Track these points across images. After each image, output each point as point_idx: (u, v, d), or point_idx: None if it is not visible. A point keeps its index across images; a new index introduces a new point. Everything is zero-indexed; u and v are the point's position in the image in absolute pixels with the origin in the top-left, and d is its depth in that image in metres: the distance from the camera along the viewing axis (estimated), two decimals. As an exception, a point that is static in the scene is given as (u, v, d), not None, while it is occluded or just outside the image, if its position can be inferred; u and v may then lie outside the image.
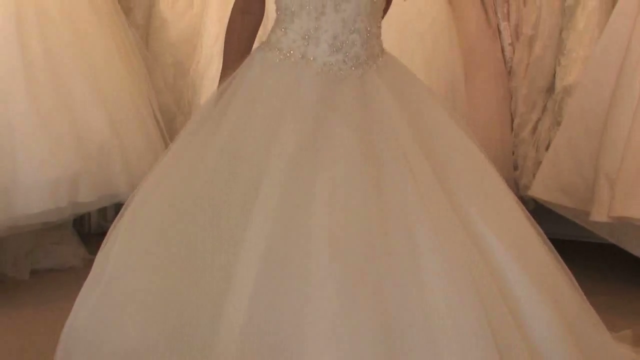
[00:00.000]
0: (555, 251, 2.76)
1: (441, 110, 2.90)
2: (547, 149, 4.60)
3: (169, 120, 4.96)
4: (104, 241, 2.79)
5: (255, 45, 2.99)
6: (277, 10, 2.89)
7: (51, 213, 4.11)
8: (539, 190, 4.43)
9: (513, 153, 4.85)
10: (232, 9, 2.98)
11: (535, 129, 4.80)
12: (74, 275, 4.14)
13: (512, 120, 4.88)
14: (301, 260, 2.46)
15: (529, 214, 2.82)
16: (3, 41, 4.19)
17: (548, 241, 2.78)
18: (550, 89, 4.75)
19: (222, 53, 3.06)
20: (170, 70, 5.14)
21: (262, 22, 3.00)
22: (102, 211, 5.13)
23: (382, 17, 2.95)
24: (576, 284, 2.78)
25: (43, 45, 4.26)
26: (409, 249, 2.51)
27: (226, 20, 3.01)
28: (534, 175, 4.59)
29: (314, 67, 2.81)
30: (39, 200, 4.05)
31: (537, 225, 2.80)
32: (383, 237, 2.52)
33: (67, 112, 4.23)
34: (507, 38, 4.86)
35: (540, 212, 4.59)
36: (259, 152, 2.67)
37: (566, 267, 2.76)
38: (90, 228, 5.22)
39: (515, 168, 4.85)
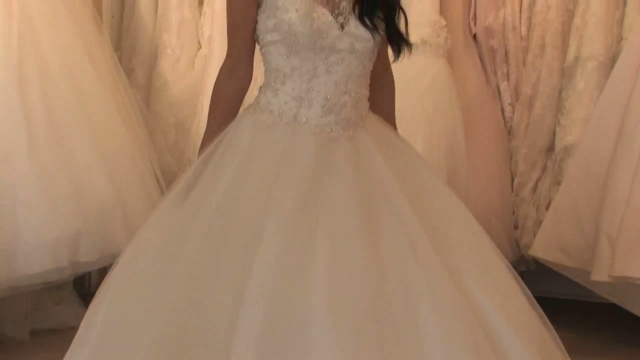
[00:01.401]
0: (541, 311, 2.74)
1: (427, 170, 2.93)
2: (547, 208, 4.62)
3: (170, 180, 4.94)
4: (90, 305, 2.79)
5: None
6: (265, 72, 2.90)
7: (51, 273, 4.13)
8: (539, 250, 4.44)
9: (513, 212, 4.87)
10: (219, 71, 2.96)
11: (535, 188, 4.82)
12: (74, 336, 4.14)
13: (513, 180, 4.91)
14: (301, 318, 2.46)
15: (517, 276, 2.82)
16: (5, 101, 4.24)
17: (534, 301, 2.77)
18: (550, 148, 4.78)
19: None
20: (172, 130, 5.17)
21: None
22: (103, 271, 5.12)
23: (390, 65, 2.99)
24: (562, 347, 2.78)
25: (45, 106, 4.30)
26: (407, 307, 2.52)
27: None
28: (534, 234, 4.60)
29: (306, 129, 2.82)
30: (40, 260, 4.07)
31: (525, 287, 2.80)
32: (382, 294, 2.52)
33: (68, 172, 4.25)
34: (506, 98, 4.90)
35: (541, 271, 4.62)
36: (255, 212, 2.66)
37: (552, 328, 2.75)
38: (90, 288, 5.22)
39: (516, 227, 4.87)
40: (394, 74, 3.13)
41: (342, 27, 2.81)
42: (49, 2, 4.48)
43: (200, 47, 5.27)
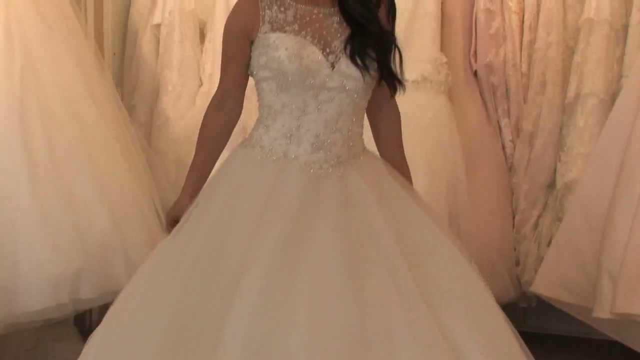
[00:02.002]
0: (527, 349, 2.74)
1: (418, 210, 2.92)
2: (548, 245, 4.62)
3: (171, 217, 4.99)
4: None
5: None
6: (259, 107, 2.93)
7: (52, 310, 4.12)
8: (541, 287, 4.44)
9: (515, 249, 4.88)
10: (209, 103, 3.02)
11: (536, 225, 4.83)
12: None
13: (514, 217, 4.91)
14: (280, 358, 2.46)
15: (511, 325, 2.81)
16: (6, 138, 4.24)
17: (521, 340, 2.76)
18: (551, 185, 4.80)
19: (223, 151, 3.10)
20: (173, 167, 5.19)
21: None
22: (104, 307, 5.10)
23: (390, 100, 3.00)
24: None
25: (46, 143, 4.31)
26: (388, 351, 2.52)
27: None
28: (535, 271, 4.59)
29: (295, 165, 2.84)
30: (41, 297, 4.06)
31: (516, 332, 2.78)
32: (363, 339, 2.52)
33: (69, 210, 4.26)
34: (507, 135, 4.92)
35: (543, 308, 4.62)
36: (240, 249, 2.68)
37: None
38: (91, 325, 5.21)
39: (517, 264, 4.87)
40: (395, 110, 3.15)
41: (332, 66, 2.84)
42: (50, 39, 4.50)
43: (201, 84, 5.31)
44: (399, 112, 3.11)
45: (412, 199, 2.96)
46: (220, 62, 3.05)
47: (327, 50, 2.86)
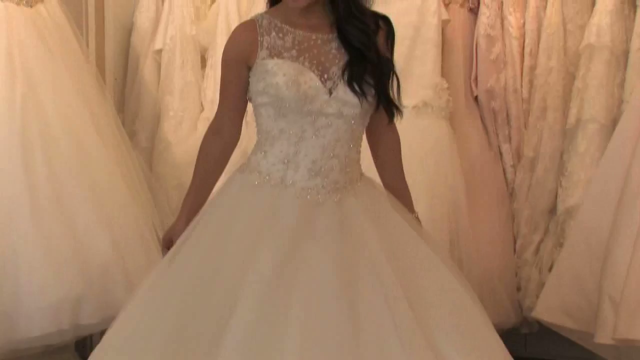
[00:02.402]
0: None
1: (416, 237, 2.92)
2: (550, 270, 4.62)
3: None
4: None
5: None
6: (257, 133, 2.96)
7: (53, 336, 4.12)
8: (542, 312, 4.43)
9: (516, 274, 4.88)
10: (207, 129, 3.06)
11: (537, 250, 4.84)
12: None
13: (515, 242, 4.92)
14: None
15: (506, 350, 2.82)
16: (8, 164, 4.25)
17: None
18: (552, 210, 4.80)
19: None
20: (174, 193, 5.18)
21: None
22: (105, 333, 5.12)
23: (390, 125, 3.01)
24: None
25: (47, 169, 4.32)
26: None
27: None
28: (537, 296, 4.59)
29: (292, 191, 2.86)
30: (41, 323, 4.07)
31: (506, 350, 2.80)
32: (356, 359, 2.53)
33: (71, 235, 4.27)
34: (508, 160, 4.94)
35: (544, 334, 4.61)
36: (234, 274, 2.70)
37: None
38: (92, 350, 5.18)
39: (519, 289, 4.87)
40: (395, 135, 3.16)
41: (330, 92, 2.86)
42: (52, 65, 4.52)
43: (203, 110, 5.32)
44: (399, 138, 3.13)
45: (409, 225, 2.97)
46: (220, 85, 3.07)
47: (325, 76, 2.88)
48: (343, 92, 2.87)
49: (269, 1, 3.05)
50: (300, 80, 2.85)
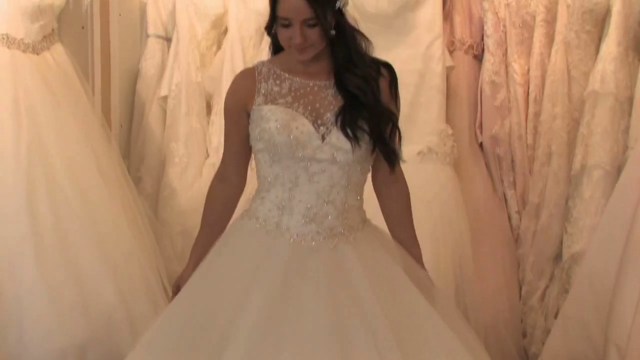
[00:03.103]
0: None
1: (415, 292, 2.89)
2: (555, 317, 4.61)
3: (177, 289, 4.99)
4: None
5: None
6: (257, 179, 2.99)
7: (58, 382, 4.14)
8: (548, 359, 4.43)
9: (522, 321, 4.87)
10: (213, 178, 3.09)
11: (543, 296, 4.83)
12: None
13: (520, 288, 4.91)
14: None
15: None
16: (13, 211, 4.29)
17: None
18: (558, 257, 4.79)
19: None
20: (179, 239, 5.21)
21: None
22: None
23: (392, 174, 3.01)
24: None
25: (52, 215, 4.35)
26: None
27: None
28: (543, 343, 4.58)
29: (286, 237, 2.87)
30: (46, 370, 4.08)
31: None
32: None
33: (75, 282, 4.28)
34: (513, 206, 4.94)
35: (551, 381, 4.59)
36: (225, 319, 2.72)
37: None
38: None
39: (524, 336, 4.86)
40: (400, 182, 3.16)
41: (323, 138, 2.88)
42: (58, 112, 4.57)
43: (208, 156, 5.35)
44: (407, 188, 3.13)
45: (410, 276, 2.94)
46: (224, 133, 3.10)
47: (319, 122, 2.90)
48: (336, 137, 2.88)
49: (272, 50, 3.08)
50: (292, 126, 2.87)
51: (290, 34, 2.89)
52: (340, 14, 2.93)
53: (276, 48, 3.05)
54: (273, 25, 2.95)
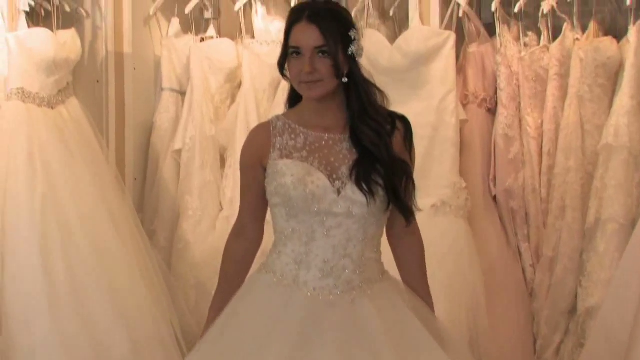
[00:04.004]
0: None
1: (432, 343, 2.89)
2: (571, 371, 4.62)
3: (191, 342, 4.95)
4: None
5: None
6: (274, 233, 3.00)
7: None
8: (564, 413, 4.42)
9: (537, 375, 4.87)
10: (230, 233, 3.11)
11: (558, 351, 4.80)
12: None
13: (535, 342, 4.89)
14: None
15: None
16: (27, 264, 4.32)
17: None
18: (573, 311, 4.78)
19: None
20: (193, 292, 5.20)
21: None
22: None
23: (408, 227, 3.02)
24: None
25: (66, 269, 4.38)
26: None
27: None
28: (559, 397, 4.59)
29: (304, 292, 2.89)
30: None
31: None
32: None
33: (89, 334, 4.30)
34: (527, 259, 4.92)
35: None
36: None
37: None
38: None
39: (539, 390, 4.86)
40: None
41: (338, 192, 2.89)
42: (72, 165, 4.61)
43: (222, 209, 5.35)
44: (421, 242, 3.15)
45: (429, 329, 2.94)
46: (239, 187, 3.12)
47: (334, 176, 2.92)
48: (351, 191, 2.90)
49: (288, 102, 3.12)
50: (307, 180, 2.89)
51: (300, 64, 2.92)
52: (353, 61, 2.97)
53: (292, 100, 3.09)
54: (285, 61, 2.99)
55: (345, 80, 2.95)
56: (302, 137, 2.97)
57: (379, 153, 2.94)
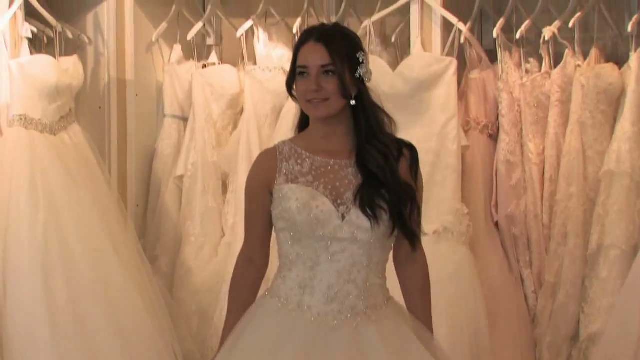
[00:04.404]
0: None
1: None
2: (573, 398, 4.61)
3: (193, 368, 5.01)
4: None
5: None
6: (279, 258, 3.01)
7: None
8: None
9: (539, 402, 4.86)
10: (237, 258, 3.10)
11: (561, 377, 4.82)
12: None
13: (538, 368, 4.90)
14: None
15: None
16: (29, 290, 4.34)
17: None
18: (575, 337, 4.76)
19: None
20: (194, 318, 5.21)
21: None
22: None
23: (414, 251, 3.03)
24: None
25: (68, 295, 4.40)
26: None
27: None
28: None
29: (308, 316, 2.89)
30: None
31: None
32: None
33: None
34: (530, 286, 4.91)
35: None
36: None
37: None
38: None
39: (541, 417, 4.85)
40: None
41: (343, 217, 2.89)
42: (74, 191, 4.63)
43: (223, 235, 5.36)
44: (427, 267, 3.15)
45: (433, 356, 2.95)
46: (242, 213, 3.12)
47: (339, 201, 2.93)
48: (356, 216, 2.91)
49: (297, 127, 3.14)
50: (312, 205, 2.89)
51: (307, 83, 2.95)
52: (362, 84, 2.99)
53: (301, 125, 3.11)
54: (293, 81, 3.01)
55: (353, 102, 2.96)
56: (308, 162, 2.98)
57: (384, 176, 2.95)
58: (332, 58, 2.93)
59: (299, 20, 5.32)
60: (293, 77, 3.00)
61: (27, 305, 4.35)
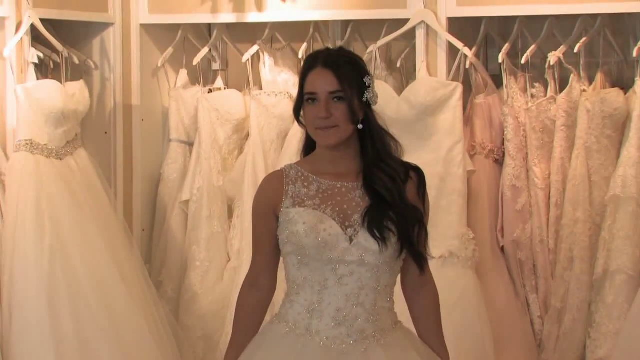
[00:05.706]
0: None
1: None
2: (580, 423, 4.61)
3: (198, 394, 5.02)
4: None
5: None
6: (286, 282, 3.00)
7: None
8: None
9: None
10: (243, 283, 3.09)
11: (567, 403, 4.82)
12: None
13: (544, 394, 4.90)
14: None
15: None
16: (35, 318, 4.35)
17: None
18: (582, 361, 4.78)
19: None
20: (200, 343, 5.20)
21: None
22: None
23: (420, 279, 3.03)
24: None
25: (73, 321, 4.41)
26: None
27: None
28: None
29: (316, 341, 2.89)
30: None
31: None
32: None
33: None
34: (536, 311, 4.92)
35: None
36: None
37: None
38: None
39: None
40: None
41: (351, 239, 2.89)
42: (80, 217, 4.65)
43: (229, 260, 5.37)
44: (436, 290, 3.14)
45: None
46: (248, 238, 3.13)
47: (347, 223, 2.93)
48: (364, 238, 2.91)
49: (303, 151, 3.14)
50: (319, 228, 2.90)
51: (316, 110, 2.95)
52: (369, 108, 3.01)
53: (307, 149, 3.12)
54: (300, 108, 3.02)
55: (360, 126, 2.98)
56: (315, 185, 2.99)
57: (391, 198, 2.95)
58: (341, 84, 2.95)
59: (304, 45, 5.36)
60: (301, 103, 3.02)
61: (33, 330, 4.36)
